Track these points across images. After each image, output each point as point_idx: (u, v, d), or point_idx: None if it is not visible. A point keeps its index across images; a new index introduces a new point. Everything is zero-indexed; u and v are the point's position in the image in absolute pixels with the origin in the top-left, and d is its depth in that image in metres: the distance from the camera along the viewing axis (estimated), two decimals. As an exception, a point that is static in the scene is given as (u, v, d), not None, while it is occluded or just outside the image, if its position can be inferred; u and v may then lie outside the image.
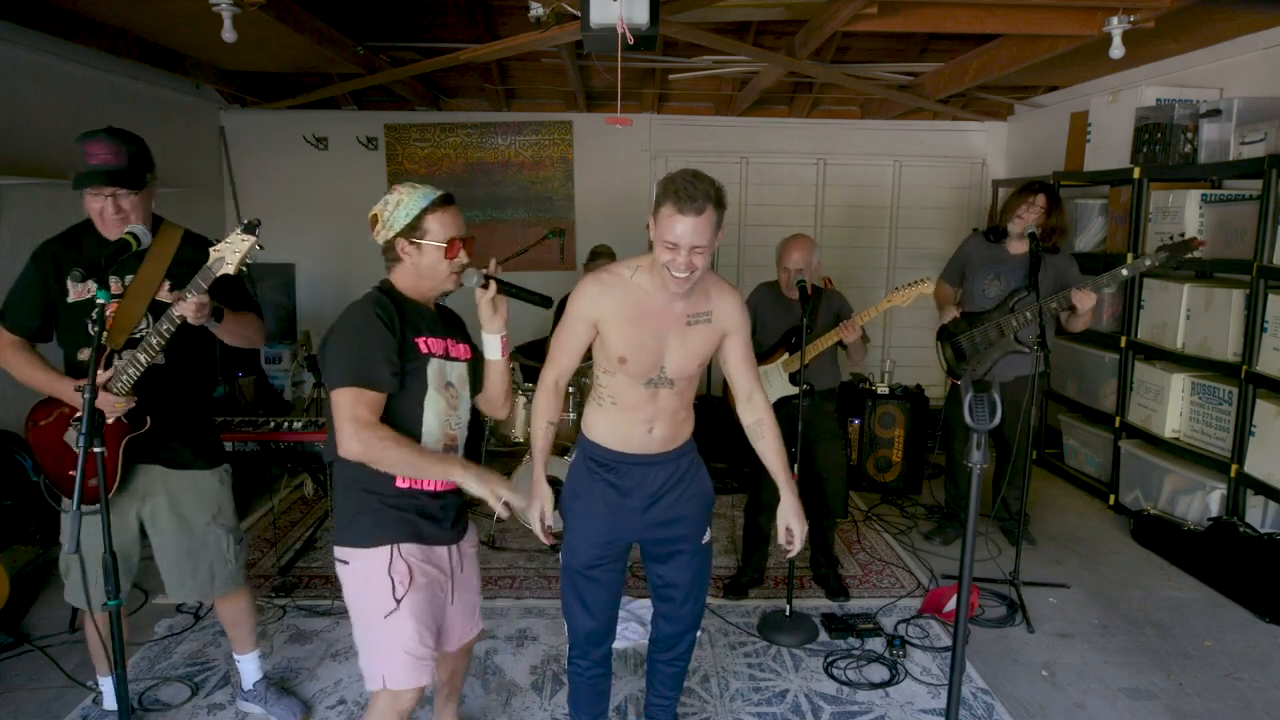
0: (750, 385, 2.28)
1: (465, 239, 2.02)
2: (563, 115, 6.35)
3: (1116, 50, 3.61)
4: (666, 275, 1.98)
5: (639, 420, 2.16)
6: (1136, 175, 4.46)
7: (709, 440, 2.35)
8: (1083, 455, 5.16)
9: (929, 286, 3.43)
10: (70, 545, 1.81)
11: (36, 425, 2.42)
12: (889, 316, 6.44)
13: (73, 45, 4.06)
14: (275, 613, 3.42)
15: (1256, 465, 3.78)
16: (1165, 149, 4.30)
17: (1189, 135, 4.20)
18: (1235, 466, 3.86)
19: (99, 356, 1.93)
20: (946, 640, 3.28)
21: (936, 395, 5.35)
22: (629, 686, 2.93)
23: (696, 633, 2.46)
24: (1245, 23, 4.02)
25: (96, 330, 1.98)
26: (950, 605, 3.41)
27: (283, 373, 5.93)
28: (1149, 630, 3.38)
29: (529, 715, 2.79)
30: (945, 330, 3.95)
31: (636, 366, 2.11)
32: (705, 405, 2.34)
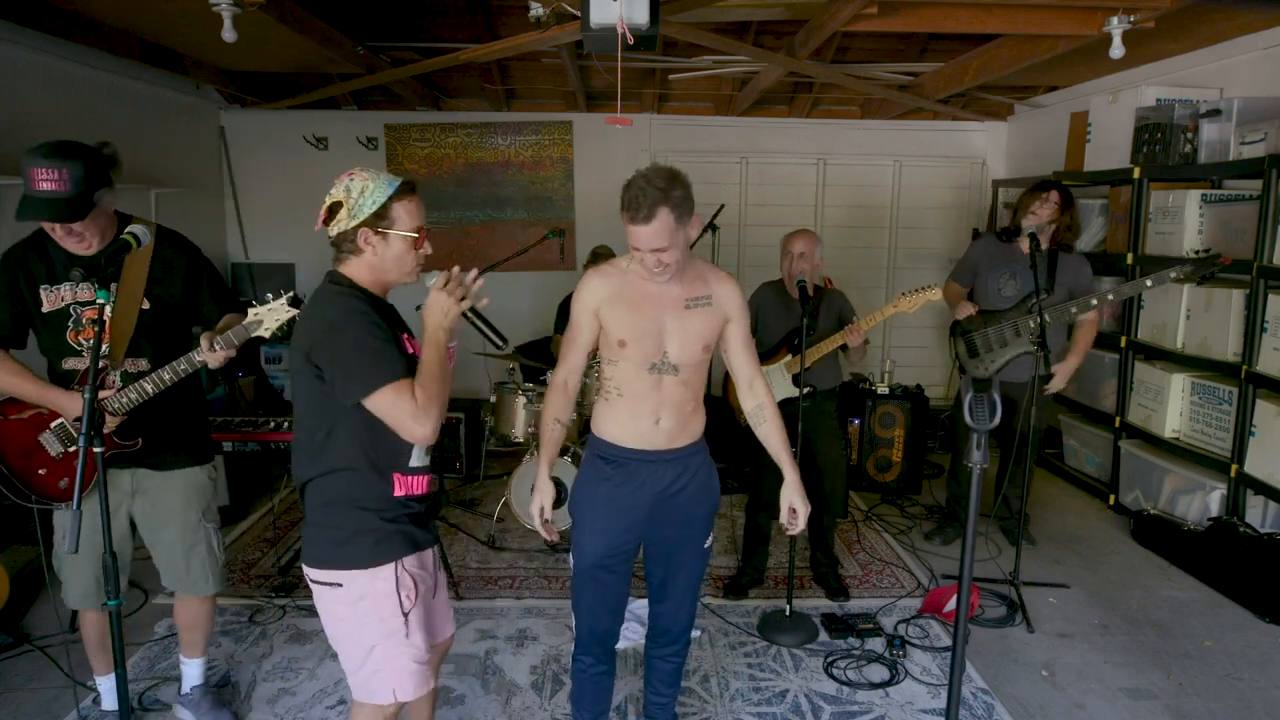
0: (751, 373, 2.30)
1: (425, 229, 1.95)
2: (563, 115, 6.35)
3: (1116, 50, 3.61)
4: (647, 270, 2.10)
5: (645, 411, 2.17)
6: (1136, 175, 4.46)
7: (709, 440, 2.35)
8: (1083, 455, 5.16)
9: (936, 293, 3.40)
10: (70, 545, 1.81)
11: (5, 418, 2.37)
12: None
13: (73, 45, 4.06)
14: (275, 613, 3.42)
15: (1256, 465, 3.78)
16: (1165, 149, 4.30)
17: (1189, 135, 4.20)
18: (1235, 466, 3.86)
19: (97, 366, 1.93)
20: (946, 640, 3.28)
21: (937, 395, 5.35)
22: (629, 686, 2.93)
23: (693, 630, 2.46)
24: (1245, 23, 4.02)
25: (97, 331, 1.98)
26: (950, 605, 3.41)
27: (282, 373, 5.93)
28: (1149, 630, 3.38)
29: (529, 715, 2.79)
30: (958, 326, 3.95)
31: (637, 350, 2.14)
32: (706, 404, 2.34)
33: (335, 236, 1.87)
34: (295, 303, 2.13)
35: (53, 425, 2.35)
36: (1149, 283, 3.51)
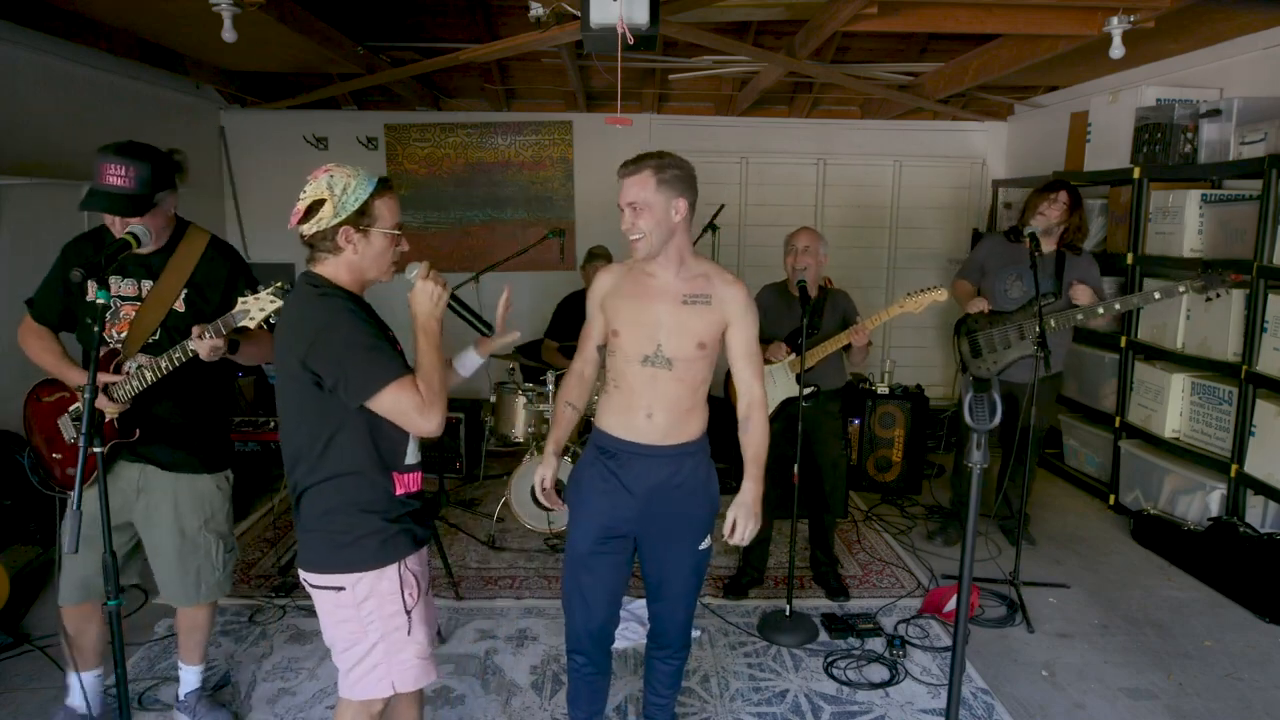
0: (750, 379, 2.29)
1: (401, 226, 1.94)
2: (563, 115, 6.35)
3: (1116, 50, 3.61)
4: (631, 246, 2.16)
5: (638, 405, 2.19)
6: (1136, 175, 4.46)
7: (711, 440, 2.34)
8: (1083, 455, 5.16)
9: (942, 294, 3.37)
10: (70, 546, 1.81)
11: (39, 400, 2.48)
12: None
13: (73, 45, 4.06)
14: (275, 613, 3.42)
15: (1256, 465, 3.78)
16: (1165, 149, 4.30)
17: (1189, 135, 4.20)
18: (1235, 466, 3.86)
19: (108, 359, 1.93)
20: (946, 640, 3.28)
21: (937, 395, 5.35)
22: (628, 686, 2.93)
23: (693, 631, 2.46)
24: (1245, 23, 4.02)
25: (97, 330, 1.98)
26: (950, 605, 3.41)
27: (282, 373, 5.93)
28: (1149, 630, 3.38)
29: (529, 715, 2.79)
30: (964, 325, 3.94)
31: (629, 341, 2.18)
32: (709, 404, 2.34)
33: (312, 235, 1.83)
34: (280, 293, 2.12)
35: (70, 409, 2.38)
36: (1158, 295, 3.53)
